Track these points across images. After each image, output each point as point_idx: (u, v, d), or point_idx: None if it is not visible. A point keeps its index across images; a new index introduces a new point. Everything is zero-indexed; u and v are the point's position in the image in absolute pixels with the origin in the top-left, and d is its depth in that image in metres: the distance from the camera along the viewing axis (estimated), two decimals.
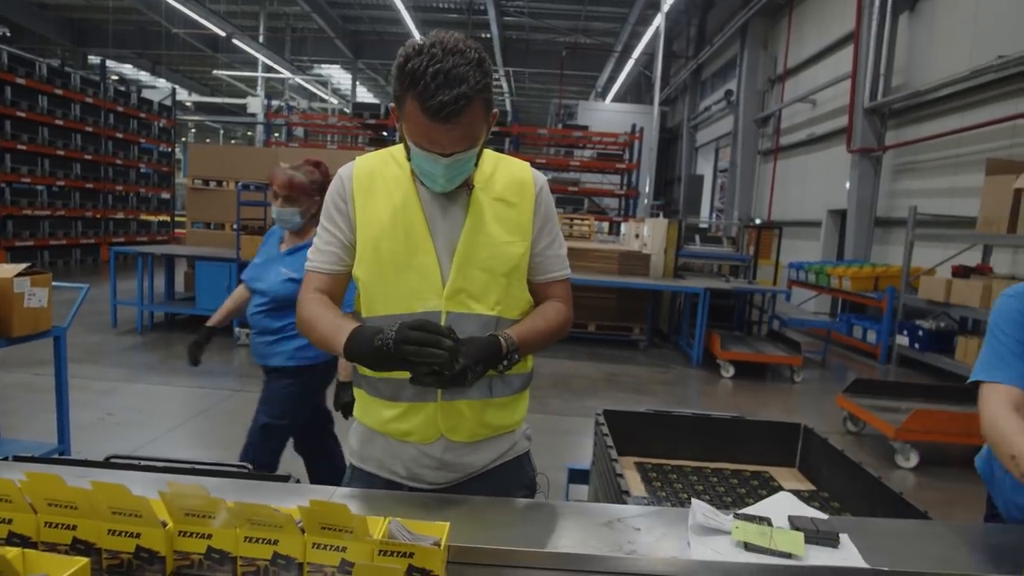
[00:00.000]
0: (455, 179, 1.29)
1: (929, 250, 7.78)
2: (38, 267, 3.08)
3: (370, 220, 1.36)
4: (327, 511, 0.95)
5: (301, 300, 1.41)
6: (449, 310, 1.34)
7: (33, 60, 11.13)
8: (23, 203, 11.01)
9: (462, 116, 1.17)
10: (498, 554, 1.07)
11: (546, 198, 1.44)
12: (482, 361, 1.21)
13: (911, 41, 8.94)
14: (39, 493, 0.98)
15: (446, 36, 1.18)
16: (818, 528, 1.20)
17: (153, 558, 0.98)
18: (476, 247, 1.34)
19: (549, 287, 1.46)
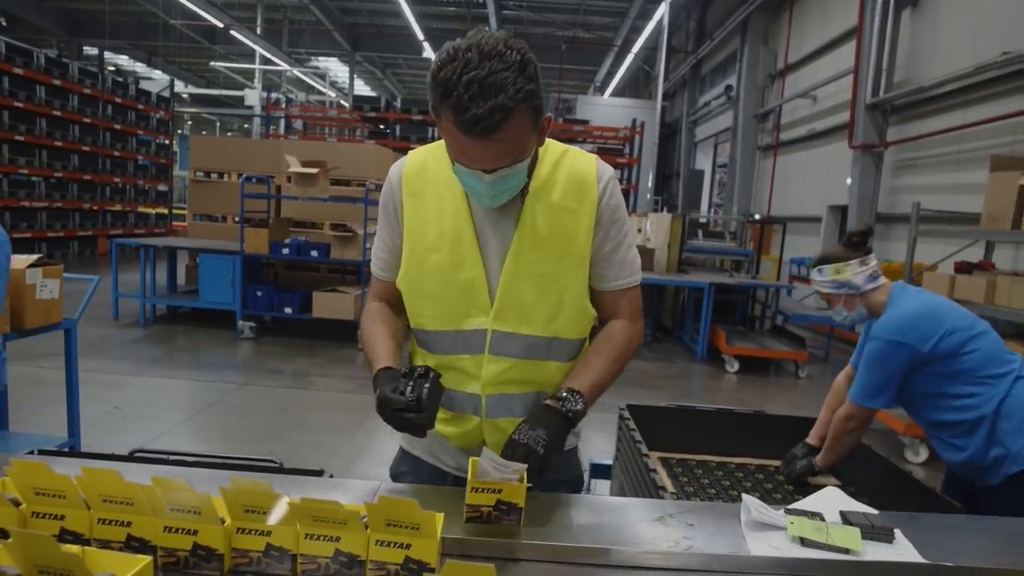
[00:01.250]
0: (502, 195, 1.17)
1: (931, 246, 7.78)
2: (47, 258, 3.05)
3: (417, 229, 1.28)
4: (394, 507, 0.93)
5: (364, 308, 1.40)
6: (495, 328, 1.27)
7: (31, 50, 11.01)
8: (21, 194, 10.91)
9: (500, 130, 1.04)
10: (556, 550, 1.05)
11: (612, 196, 1.28)
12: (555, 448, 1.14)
13: (914, 36, 8.93)
14: (94, 489, 0.96)
15: (484, 37, 1.05)
16: (872, 523, 1.19)
17: (211, 555, 0.96)
18: (527, 261, 1.24)
19: (612, 297, 1.33)
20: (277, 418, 4.54)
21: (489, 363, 1.29)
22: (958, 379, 1.93)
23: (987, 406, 1.89)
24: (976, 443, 1.90)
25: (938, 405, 1.98)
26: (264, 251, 6.66)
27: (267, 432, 4.26)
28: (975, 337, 1.94)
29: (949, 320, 1.95)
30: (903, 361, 1.93)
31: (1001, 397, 1.89)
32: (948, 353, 1.92)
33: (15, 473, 0.97)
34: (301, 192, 6.75)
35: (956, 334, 1.92)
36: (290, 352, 6.29)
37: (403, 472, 1.49)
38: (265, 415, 4.60)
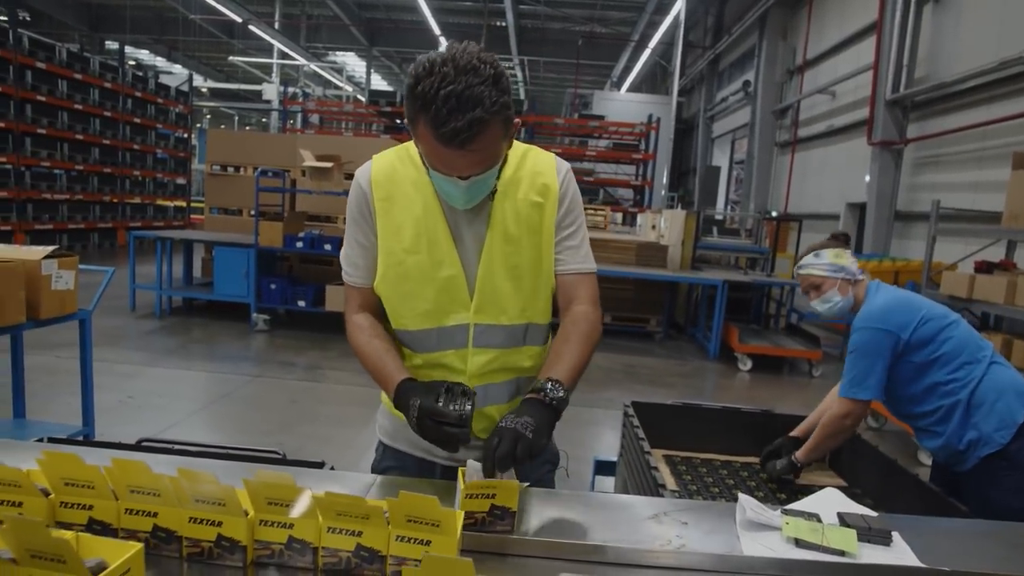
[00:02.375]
0: (475, 198, 1.23)
1: (951, 245, 7.66)
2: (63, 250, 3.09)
3: (391, 231, 1.31)
4: (415, 503, 0.94)
5: (348, 322, 1.39)
6: (477, 322, 1.32)
7: (53, 44, 11.17)
8: (43, 187, 11.08)
9: (476, 141, 1.09)
10: (550, 546, 1.05)
11: (570, 188, 1.36)
12: (544, 434, 1.14)
13: (936, 31, 8.77)
14: (122, 480, 0.97)
15: (459, 52, 1.09)
16: (870, 525, 1.17)
17: (234, 547, 0.97)
18: (501, 255, 1.30)
19: (570, 283, 1.36)
20: (289, 410, 4.58)
21: (474, 356, 1.34)
22: (934, 366, 1.97)
23: (962, 392, 1.94)
24: (951, 428, 1.94)
25: (915, 395, 2.02)
26: (278, 244, 6.71)
27: (278, 424, 4.30)
28: (949, 325, 2.00)
29: (924, 308, 2.02)
30: (887, 347, 1.98)
31: (976, 382, 1.94)
32: (925, 340, 1.97)
33: (46, 464, 0.99)
34: (315, 186, 6.79)
35: (931, 322, 1.98)
36: (303, 345, 6.34)
37: (389, 467, 1.52)
38: (277, 407, 4.65)
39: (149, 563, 0.97)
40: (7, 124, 10.11)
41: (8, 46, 9.98)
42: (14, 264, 2.77)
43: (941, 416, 1.96)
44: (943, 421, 1.95)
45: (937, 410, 1.97)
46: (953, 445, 1.93)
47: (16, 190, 10.44)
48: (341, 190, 6.70)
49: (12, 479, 0.96)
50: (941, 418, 1.96)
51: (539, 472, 1.54)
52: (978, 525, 1.35)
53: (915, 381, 2.00)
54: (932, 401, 1.98)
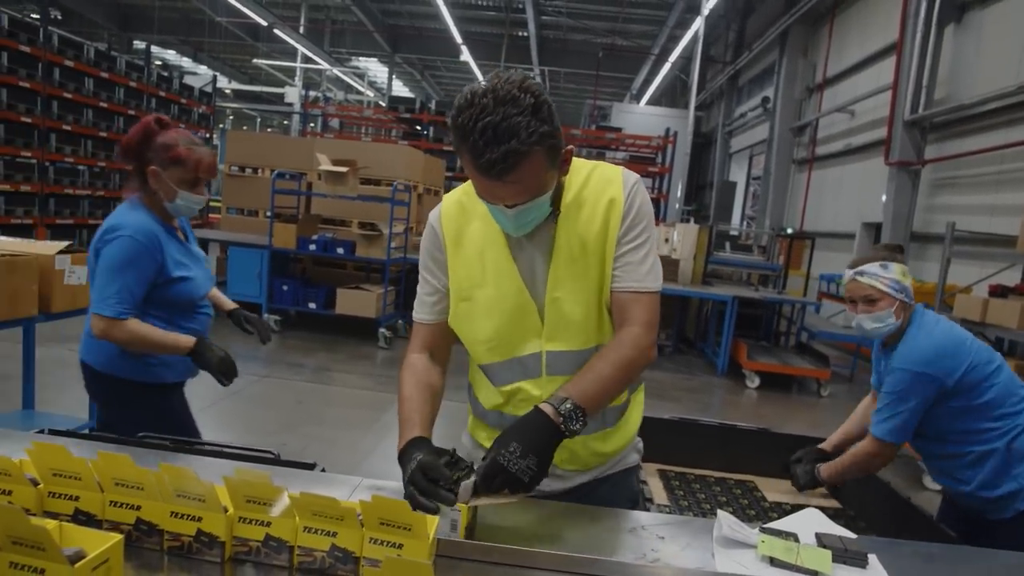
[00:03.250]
0: (527, 225, 1.22)
1: (966, 268, 7.58)
2: (77, 245, 3.16)
3: (462, 268, 1.33)
4: (387, 507, 0.96)
5: (406, 360, 1.39)
6: (549, 349, 1.31)
7: (81, 43, 11.40)
8: (65, 182, 11.29)
9: (514, 172, 1.10)
10: (517, 554, 1.07)
11: (637, 197, 1.30)
12: (529, 451, 1.08)
13: (956, 53, 8.72)
14: (107, 472, 1.00)
15: (501, 82, 1.09)
16: (846, 547, 1.18)
17: (213, 542, 1.00)
18: (566, 279, 1.28)
19: (624, 301, 1.29)
20: (294, 411, 4.62)
21: (548, 384, 1.32)
22: (972, 413, 1.88)
23: (999, 441, 1.85)
24: (983, 475, 1.86)
25: (948, 438, 1.93)
26: (291, 246, 6.79)
27: (283, 424, 4.34)
28: (993, 372, 1.89)
29: (972, 352, 1.90)
30: (929, 394, 1.87)
31: (1017, 433, 1.84)
32: (968, 388, 1.87)
33: (35, 454, 1.02)
34: (331, 190, 6.86)
35: (977, 369, 1.87)
36: (312, 346, 6.40)
37: None
38: (283, 407, 4.69)
39: (132, 555, 1.00)
40: (33, 120, 10.33)
41: (38, 44, 10.21)
42: (28, 258, 2.84)
43: (971, 461, 1.87)
44: (972, 467, 1.87)
45: (966, 455, 1.88)
46: (985, 493, 1.85)
47: (39, 184, 10.65)
48: (355, 195, 6.77)
49: (3, 468, 1.00)
50: (971, 463, 1.88)
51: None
52: (962, 551, 1.35)
53: (947, 422, 1.91)
54: (963, 445, 1.89)
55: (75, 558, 0.83)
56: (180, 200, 2.04)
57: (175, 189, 2.01)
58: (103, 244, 2.00)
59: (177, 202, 2.05)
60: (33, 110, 10.35)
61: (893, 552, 1.23)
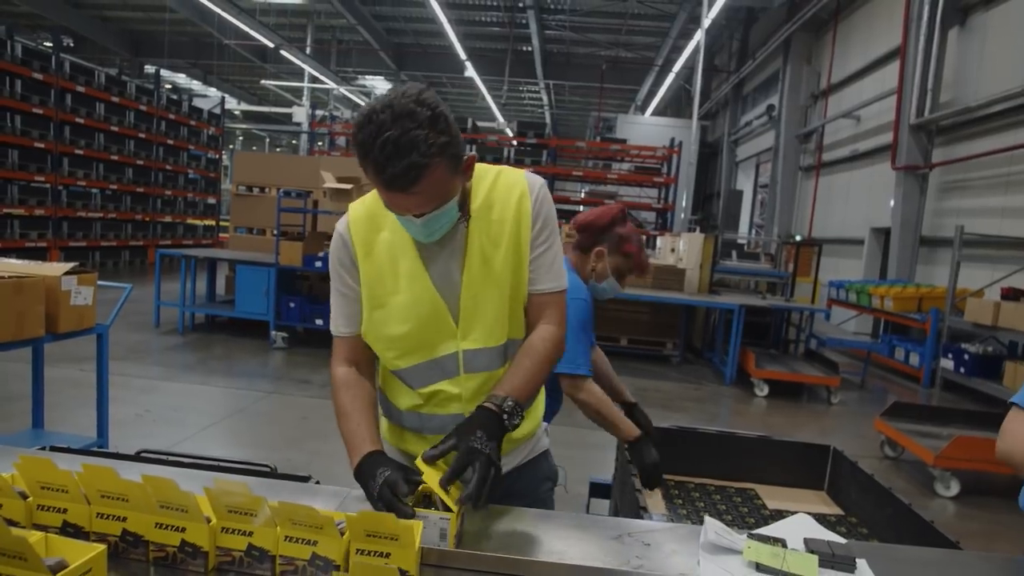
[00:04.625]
0: (437, 232, 1.25)
1: (977, 271, 7.52)
2: (89, 267, 3.21)
3: (374, 276, 1.34)
4: (373, 520, 0.97)
5: (332, 376, 1.41)
6: (465, 348, 1.34)
7: (92, 69, 11.63)
8: (78, 205, 11.47)
9: (417, 184, 1.13)
10: (502, 562, 1.07)
11: (544, 202, 1.36)
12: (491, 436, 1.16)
13: (961, 56, 8.69)
14: (93, 485, 1.02)
15: (397, 97, 1.12)
16: (834, 552, 1.17)
17: (196, 553, 1.01)
18: (479, 280, 1.31)
19: (541, 303, 1.37)
20: (300, 427, 4.64)
21: (466, 382, 1.37)
22: None
23: None
24: None
25: None
26: (298, 263, 6.85)
27: (288, 440, 4.36)
28: None
29: None
30: None
31: None
32: None
33: (23, 467, 1.04)
34: (336, 207, 6.92)
35: None
36: (319, 363, 6.43)
37: None
38: (289, 423, 4.71)
39: (118, 566, 1.01)
40: (46, 145, 10.53)
41: (51, 71, 10.42)
42: (35, 280, 2.88)
43: None
44: None
45: None
46: None
47: (53, 208, 10.84)
48: None
49: None
50: None
51: (540, 490, 1.57)
52: (958, 556, 1.33)
53: None
54: None
55: (57, 568, 0.85)
56: (606, 284, 2.20)
57: (608, 274, 2.17)
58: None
59: (603, 285, 2.20)
60: (46, 135, 10.56)
61: (885, 557, 1.22)
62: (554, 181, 13.23)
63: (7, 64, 9.65)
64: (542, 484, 1.56)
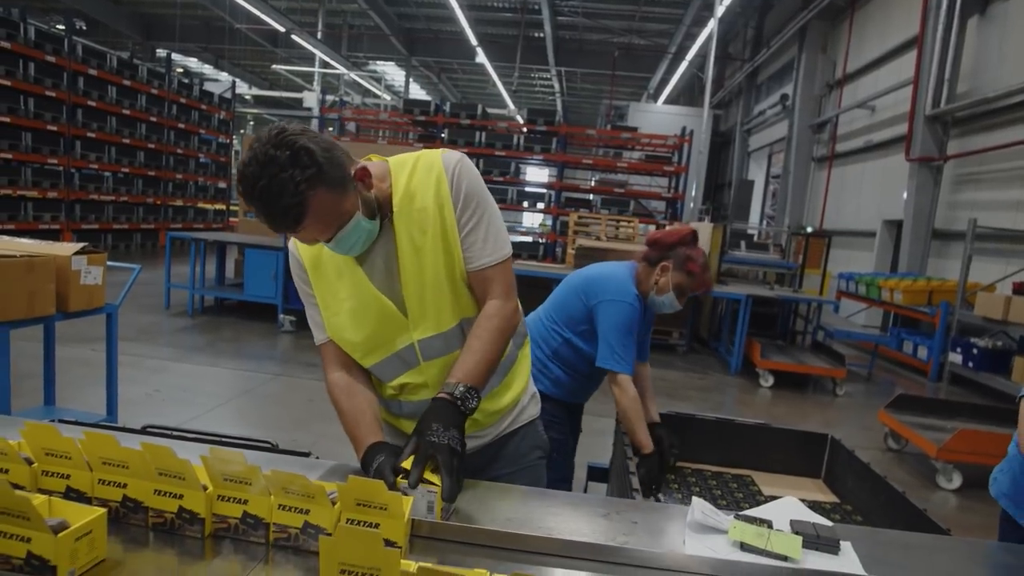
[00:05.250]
0: (357, 246, 1.28)
1: (990, 265, 7.45)
2: (100, 249, 3.25)
3: (326, 290, 1.39)
4: (363, 487, 1.00)
5: (328, 382, 1.45)
6: (420, 338, 1.38)
7: (104, 52, 11.68)
8: (90, 188, 11.57)
9: (301, 221, 1.16)
10: (491, 535, 1.10)
11: (462, 180, 1.33)
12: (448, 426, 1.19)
13: (980, 46, 8.56)
14: (95, 452, 1.05)
15: (260, 145, 1.14)
16: (819, 533, 1.19)
17: (194, 519, 1.05)
18: (417, 274, 1.34)
19: (481, 278, 1.37)
20: (306, 408, 4.70)
21: (429, 368, 1.41)
22: None
23: None
24: None
25: None
26: None
27: (295, 421, 4.42)
28: None
29: None
30: None
31: None
32: None
33: (27, 434, 1.08)
34: None
35: None
36: None
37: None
38: (296, 405, 4.77)
39: (119, 530, 1.05)
40: (59, 128, 10.60)
41: (63, 54, 10.48)
42: (46, 259, 2.93)
43: None
44: None
45: None
46: None
47: (65, 191, 10.93)
48: None
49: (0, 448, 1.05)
50: None
51: (529, 458, 1.60)
52: (943, 541, 1.34)
53: None
54: None
55: (59, 528, 0.88)
56: (665, 299, 2.27)
57: (669, 290, 2.25)
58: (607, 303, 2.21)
59: (662, 298, 2.27)
60: (59, 118, 10.63)
61: (871, 540, 1.24)
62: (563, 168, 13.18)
63: (20, 47, 9.71)
64: (531, 452, 1.59)
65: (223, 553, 1.03)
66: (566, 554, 1.08)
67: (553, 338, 2.33)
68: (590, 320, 2.25)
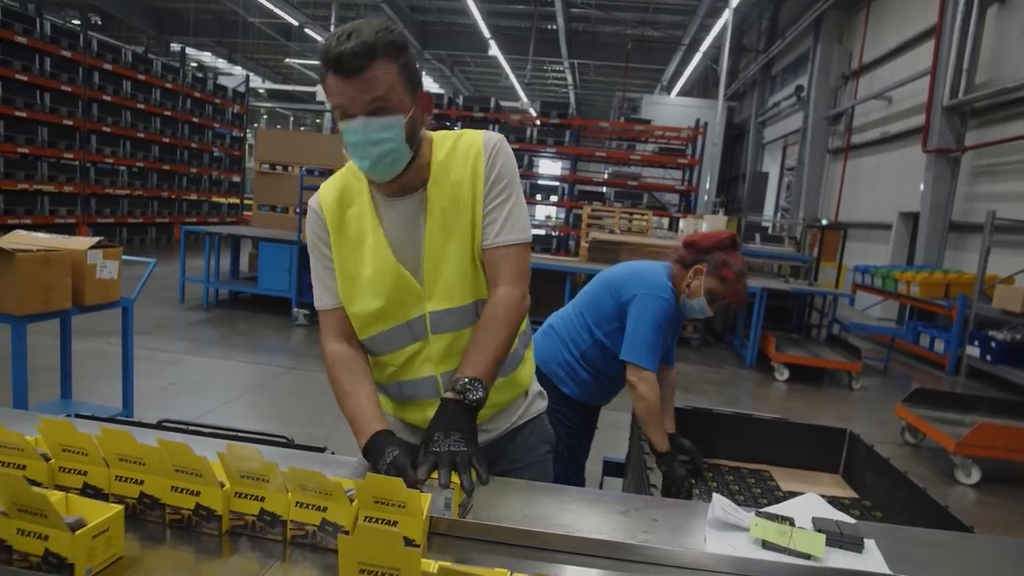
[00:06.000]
0: (383, 156, 1.22)
1: (1010, 257, 7.34)
2: (116, 243, 3.27)
3: (345, 252, 1.36)
4: (382, 485, 0.99)
5: (326, 354, 1.40)
6: (432, 310, 1.35)
7: (119, 47, 11.75)
8: (106, 182, 11.65)
9: (367, 70, 1.15)
10: (510, 532, 1.08)
11: (498, 159, 1.33)
12: (451, 430, 1.16)
13: (999, 35, 8.41)
14: (111, 448, 1.05)
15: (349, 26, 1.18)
16: (842, 531, 1.16)
17: (211, 516, 1.04)
18: (440, 242, 1.32)
19: (494, 258, 1.33)
20: (319, 401, 4.71)
21: (435, 343, 1.38)
22: None
23: None
24: None
25: None
26: None
27: (309, 414, 4.43)
28: None
29: None
30: None
31: None
32: None
33: (44, 430, 1.08)
34: None
35: None
36: None
37: None
38: (309, 398, 4.79)
39: (136, 527, 1.04)
40: (75, 122, 10.69)
41: (79, 48, 10.55)
42: (62, 253, 2.95)
43: None
44: None
45: None
46: None
47: (81, 185, 11.02)
48: None
49: (16, 444, 1.05)
50: None
51: (537, 452, 1.58)
52: (968, 539, 1.32)
53: None
54: None
55: (76, 526, 0.88)
56: (696, 303, 2.22)
57: (700, 294, 2.20)
58: (643, 296, 2.17)
59: (693, 303, 2.23)
60: (75, 113, 10.70)
61: (893, 538, 1.21)
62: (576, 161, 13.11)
63: (36, 42, 9.79)
64: (539, 447, 1.57)
65: (240, 550, 1.02)
66: (586, 552, 1.07)
67: (583, 339, 2.28)
68: (621, 318, 2.20)
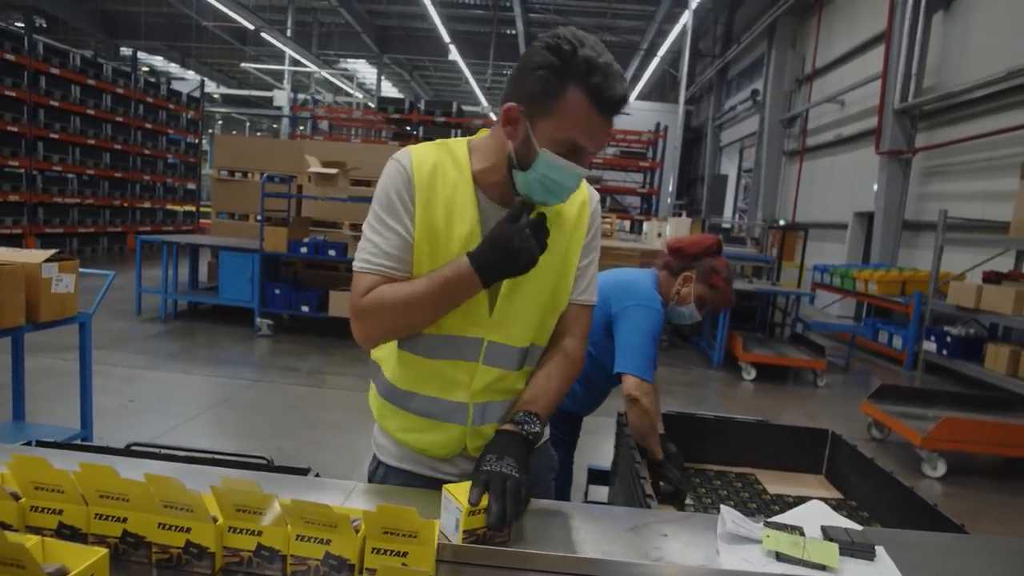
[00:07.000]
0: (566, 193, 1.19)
1: (960, 255, 7.60)
2: (67, 254, 3.11)
3: (428, 228, 1.21)
4: (392, 515, 0.93)
5: (361, 306, 1.21)
6: (492, 340, 1.26)
7: (67, 51, 11.30)
8: (54, 191, 11.18)
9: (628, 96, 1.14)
10: (519, 557, 1.04)
11: (597, 217, 1.35)
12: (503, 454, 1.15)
13: (945, 41, 8.74)
14: (91, 484, 0.96)
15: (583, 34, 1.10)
16: (853, 540, 1.15)
17: (203, 553, 0.96)
18: (526, 280, 1.22)
19: (573, 313, 1.33)
20: (288, 415, 4.58)
21: (482, 373, 1.27)
22: None
23: None
24: None
25: None
26: (283, 250, 6.74)
27: (276, 429, 4.30)
28: None
29: None
30: None
31: None
32: None
33: (15, 467, 0.99)
34: (321, 192, 6.82)
35: None
36: (306, 350, 6.35)
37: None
38: (276, 412, 4.65)
39: (119, 569, 0.96)
40: (20, 128, 10.23)
41: (23, 52, 10.11)
42: (14, 267, 2.79)
43: None
44: None
45: None
46: None
47: (28, 194, 10.55)
48: (346, 196, 6.73)
49: None
50: None
51: (544, 479, 1.52)
52: (969, 541, 1.32)
53: None
54: None
55: (58, 575, 0.80)
56: (685, 310, 2.21)
57: (690, 301, 2.19)
58: (635, 307, 2.12)
59: (682, 309, 2.21)
60: (20, 119, 10.25)
61: (900, 543, 1.21)
62: None
63: None
64: (546, 475, 1.53)
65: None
66: (599, 574, 1.03)
67: None
68: (608, 330, 2.17)
